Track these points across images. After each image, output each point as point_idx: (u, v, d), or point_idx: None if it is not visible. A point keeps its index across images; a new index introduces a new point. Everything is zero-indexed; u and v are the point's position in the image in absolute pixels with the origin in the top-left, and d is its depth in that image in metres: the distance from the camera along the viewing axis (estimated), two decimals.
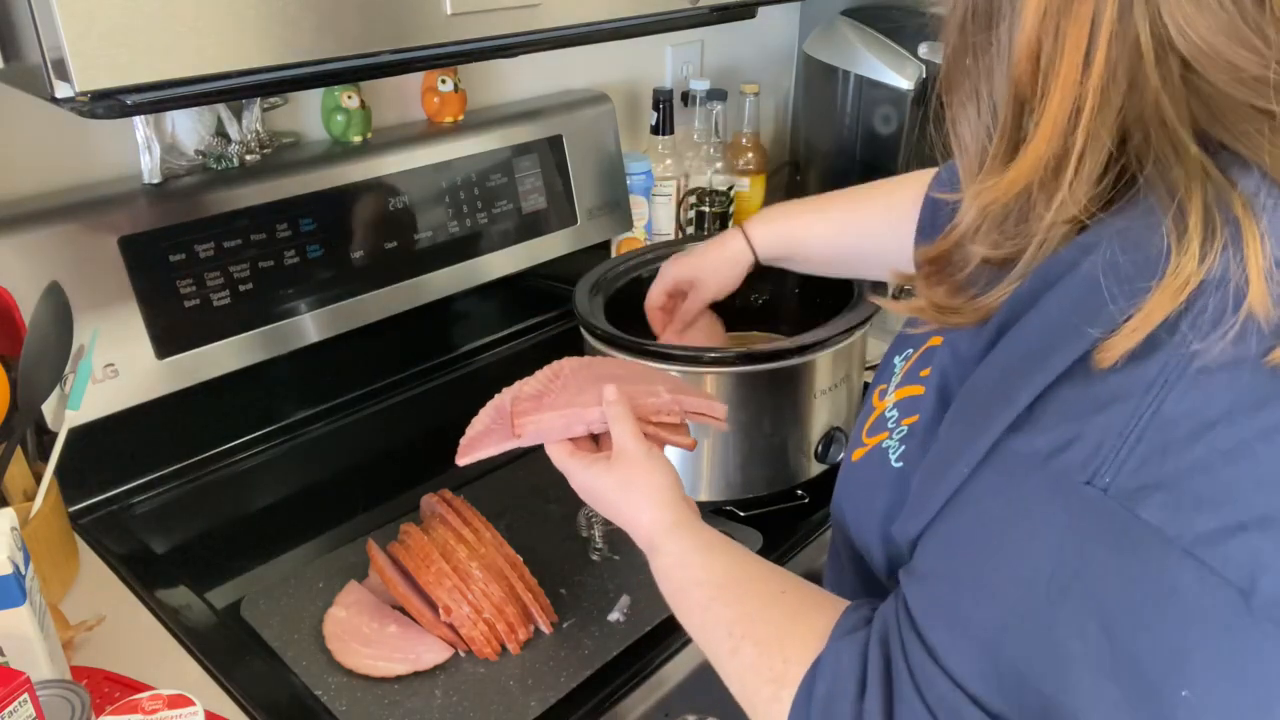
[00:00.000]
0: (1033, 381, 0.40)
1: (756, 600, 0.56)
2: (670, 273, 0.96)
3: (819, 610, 0.53)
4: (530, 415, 0.70)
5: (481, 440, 0.72)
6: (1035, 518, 0.40)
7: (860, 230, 0.88)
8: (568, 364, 0.76)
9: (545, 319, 1.29)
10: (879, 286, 0.95)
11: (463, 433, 0.74)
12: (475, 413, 0.74)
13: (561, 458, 0.70)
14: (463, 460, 0.72)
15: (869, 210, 0.87)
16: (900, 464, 0.53)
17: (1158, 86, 0.39)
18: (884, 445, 0.55)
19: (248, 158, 0.99)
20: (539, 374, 0.75)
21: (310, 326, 1.01)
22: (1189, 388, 0.37)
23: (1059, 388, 0.40)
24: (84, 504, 0.92)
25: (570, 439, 0.70)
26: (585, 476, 0.68)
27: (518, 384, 0.74)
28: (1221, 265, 0.37)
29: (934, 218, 0.72)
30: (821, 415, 0.93)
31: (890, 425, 0.56)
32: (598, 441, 0.72)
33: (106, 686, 0.71)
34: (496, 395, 0.75)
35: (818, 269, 0.94)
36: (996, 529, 0.42)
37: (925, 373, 0.54)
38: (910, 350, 0.58)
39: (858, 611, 0.52)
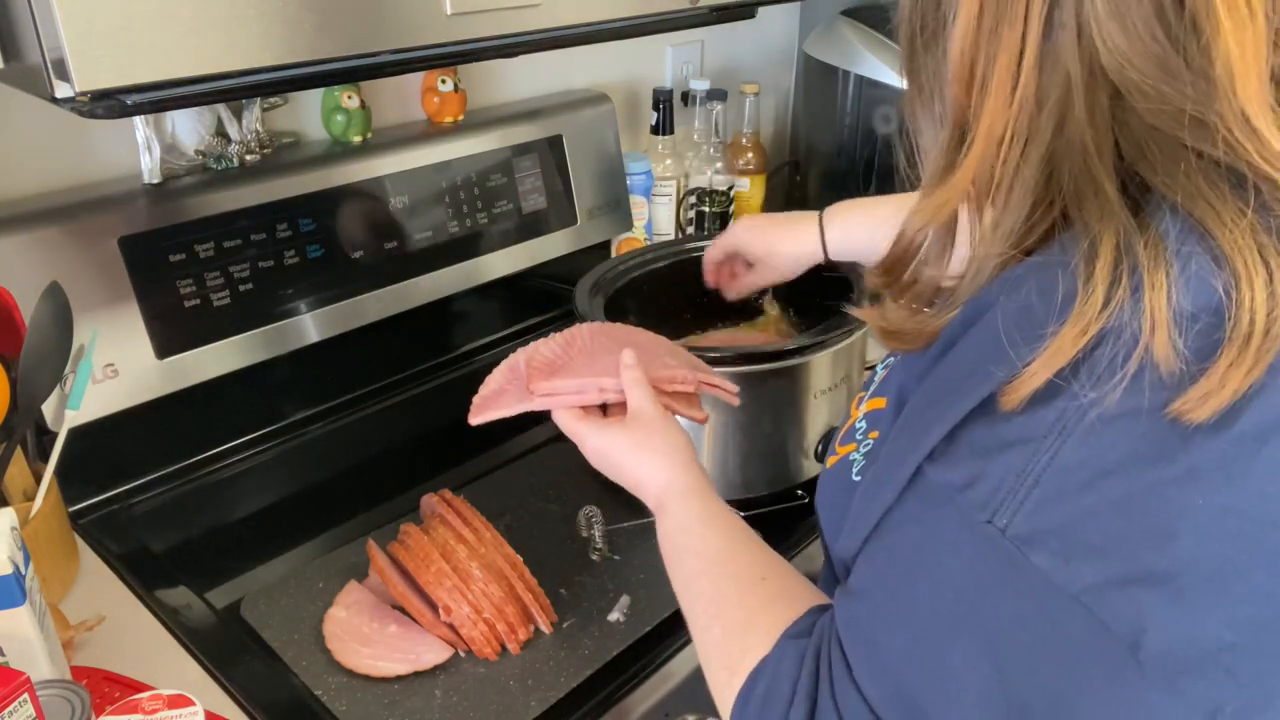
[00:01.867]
0: (947, 415, 0.40)
1: (736, 584, 0.57)
2: (741, 241, 0.96)
3: (790, 603, 0.54)
4: (547, 380, 0.70)
5: (495, 400, 0.71)
6: (943, 549, 0.41)
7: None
8: (584, 330, 0.76)
9: (545, 319, 1.29)
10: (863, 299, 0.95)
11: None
12: None
13: (571, 423, 0.70)
14: (475, 419, 0.71)
15: None
16: (858, 479, 0.53)
17: (1083, 119, 0.39)
18: (850, 458, 0.56)
19: (248, 158, 0.99)
20: (555, 337, 0.75)
21: (310, 326, 1.01)
22: (1086, 434, 0.36)
23: (971, 423, 0.40)
24: (84, 504, 0.92)
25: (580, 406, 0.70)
26: (599, 439, 0.68)
27: (532, 345, 0.74)
28: (1124, 312, 0.36)
29: None
30: (821, 415, 0.93)
31: (858, 437, 0.56)
32: (605, 411, 0.72)
33: (106, 686, 0.71)
34: (510, 355, 0.74)
35: None
36: (911, 555, 0.43)
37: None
38: (891, 359, 0.58)
39: (810, 617, 0.53)
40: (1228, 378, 0.35)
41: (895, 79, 1.36)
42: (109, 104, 0.57)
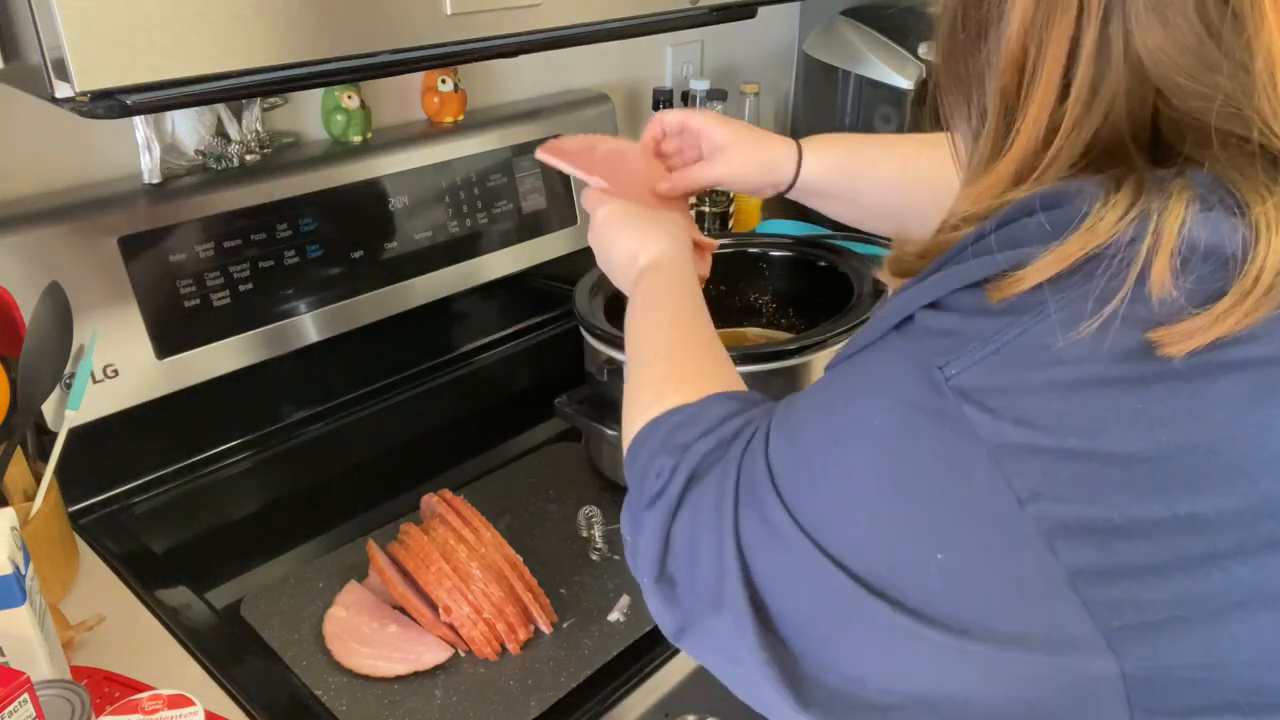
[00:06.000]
0: (949, 281, 0.42)
1: (695, 348, 0.63)
2: (708, 123, 0.83)
3: (730, 381, 0.60)
4: (606, 176, 0.79)
5: (565, 156, 0.80)
6: (889, 378, 0.44)
7: (916, 178, 0.81)
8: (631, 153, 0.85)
9: (545, 319, 1.29)
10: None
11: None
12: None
13: (600, 195, 0.77)
14: (542, 154, 0.81)
15: (934, 157, 0.79)
16: None
17: (1123, 109, 0.40)
18: None
19: (248, 158, 0.99)
20: (618, 143, 0.85)
21: (310, 326, 1.01)
22: (1059, 326, 0.38)
23: (965, 291, 0.42)
24: (84, 504, 0.92)
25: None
26: (616, 204, 0.75)
27: (605, 138, 0.84)
28: (1133, 230, 0.38)
29: None
30: None
31: None
32: None
33: (106, 686, 0.71)
34: (591, 136, 0.84)
35: (852, 215, 0.86)
36: (861, 374, 0.46)
37: None
38: None
39: (755, 396, 0.57)
40: (1219, 321, 0.36)
41: (895, 79, 1.36)
42: (109, 104, 0.57)
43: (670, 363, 0.61)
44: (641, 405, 0.58)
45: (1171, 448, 0.37)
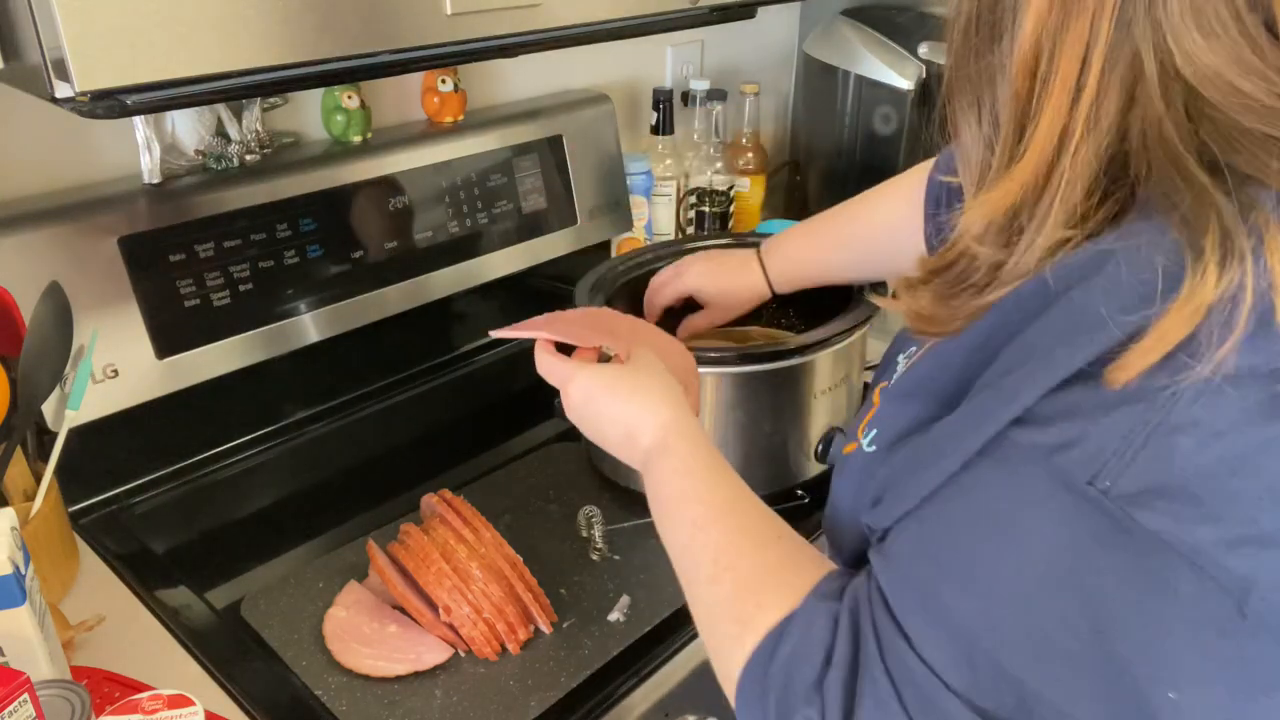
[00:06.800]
0: (1040, 380, 0.40)
1: (749, 537, 0.55)
2: (692, 284, 0.97)
3: (806, 566, 0.53)
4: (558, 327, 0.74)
5: (517, 327, 0.75)
6: (1033, 510, 0.40)
7: (873, 244, 0.88)
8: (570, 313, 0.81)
9: None
10: (879, 286, 0.95)
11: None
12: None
13: (556, 363, 0.68)
14: (495, 333, 0.75)
15: (880, 219, 0.87)
16: (872, 449, 0.53)
17: (1162, 112, 0.39)
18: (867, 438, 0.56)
19: (248, 158, 0.99)
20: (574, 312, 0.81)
21: (310, 326, 1.01)
22: (1198, 396, 0.36)
23: (1067, 388, 0.39)
24: (84, 504, 0.92)
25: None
26: (591, 376, 0.65)
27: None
28: (1239, 280, 0.36)
29: (938, 201, 0.73)
30: (821, 415, 0.93)
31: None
32: None
33: (106, 686, 0.71)
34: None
35: (837, 283, 0.96)
36: (989, 518, 0.42)
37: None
38: (914, 348, 0.59)
39: (838, 580, 0.51)
40: None
41: (895, 79, 1.36)
42: (109, 104, 0.57)
43: (735, 570, 0.53)
44: (730, 637, 0.51)
45: None
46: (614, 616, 0.81)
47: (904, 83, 1.35)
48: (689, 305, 1.01)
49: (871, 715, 0.43)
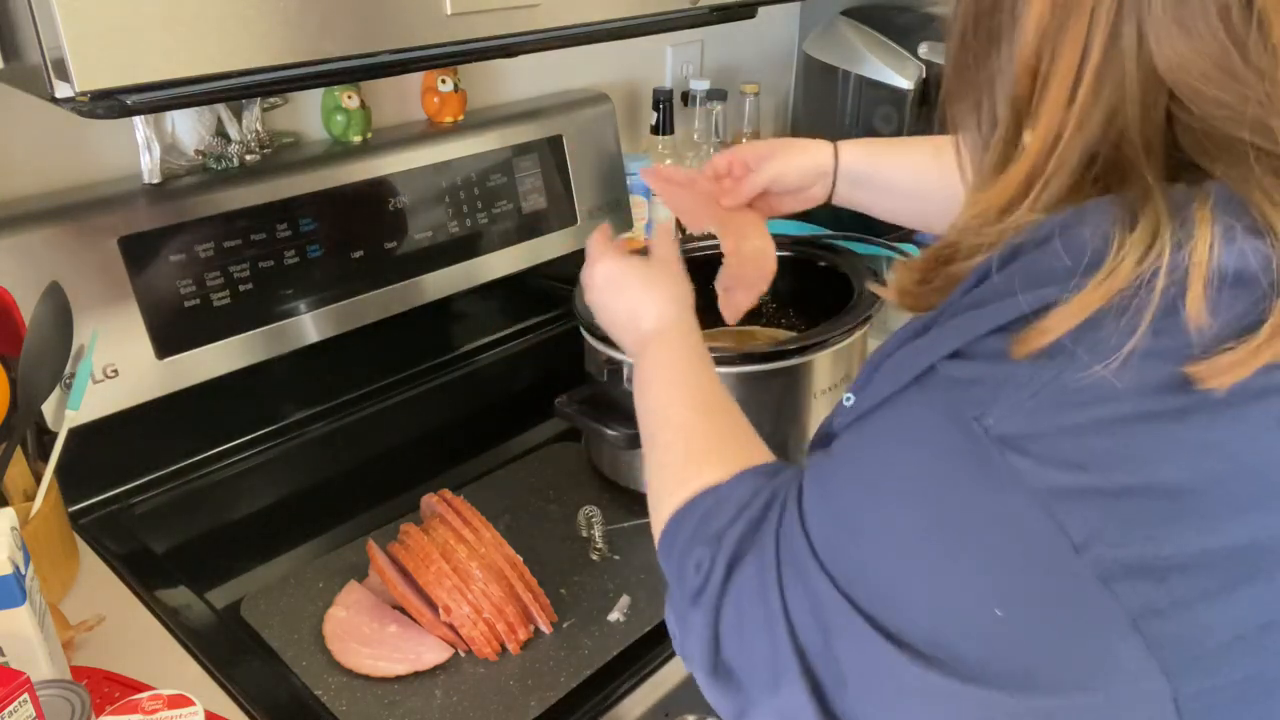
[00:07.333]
0: (971, 327, 0.42)
1: (712, 421, 0.61)
2: (750, 148, 0.89)
3: (756, 455, 0.58)
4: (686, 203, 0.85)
5: (666, 183, 0.87)
6: (924, 434, 0.43)
7: (939, 177, 0.85)
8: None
9: (545, 319, 1.29)
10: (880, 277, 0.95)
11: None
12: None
13: (602, 246, 0.77)
14: (645, 175, 0.88)
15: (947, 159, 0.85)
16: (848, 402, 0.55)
17: (1136, 118, 0.40)
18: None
19: (248, 158, 0.99)
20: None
21: (310, 326, 1.01)
22: (1096, 365, 0.38)
23: (989, 336, 0.41)
24: (84, 504, 0.92)
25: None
26: (614, 263, 0.74)
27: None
28: (1156, 266, 0.37)
29: None
30: (821, 415, 0.92)
31: None
32: None
33: (106, 686, 0.71)
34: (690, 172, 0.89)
35: (886, 208, 0.91)
36: (891, 433, 0.45)
37: None
38: None
39: (778, 465, 0.56)
40: (1259, 352, 0.36)
41: (895, 79, 1.36)
42: (109, 104, 0.57)
43: (689, 440, 0.59)
44: (666, 491, 0.56)
45: (1220, 474, 0.37)
46: (614, 616, 0.81)
47: (904, 83, 1.35)
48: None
49: (750, 570, 0.48)
